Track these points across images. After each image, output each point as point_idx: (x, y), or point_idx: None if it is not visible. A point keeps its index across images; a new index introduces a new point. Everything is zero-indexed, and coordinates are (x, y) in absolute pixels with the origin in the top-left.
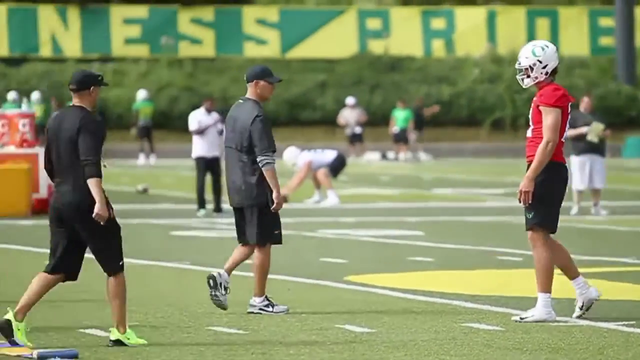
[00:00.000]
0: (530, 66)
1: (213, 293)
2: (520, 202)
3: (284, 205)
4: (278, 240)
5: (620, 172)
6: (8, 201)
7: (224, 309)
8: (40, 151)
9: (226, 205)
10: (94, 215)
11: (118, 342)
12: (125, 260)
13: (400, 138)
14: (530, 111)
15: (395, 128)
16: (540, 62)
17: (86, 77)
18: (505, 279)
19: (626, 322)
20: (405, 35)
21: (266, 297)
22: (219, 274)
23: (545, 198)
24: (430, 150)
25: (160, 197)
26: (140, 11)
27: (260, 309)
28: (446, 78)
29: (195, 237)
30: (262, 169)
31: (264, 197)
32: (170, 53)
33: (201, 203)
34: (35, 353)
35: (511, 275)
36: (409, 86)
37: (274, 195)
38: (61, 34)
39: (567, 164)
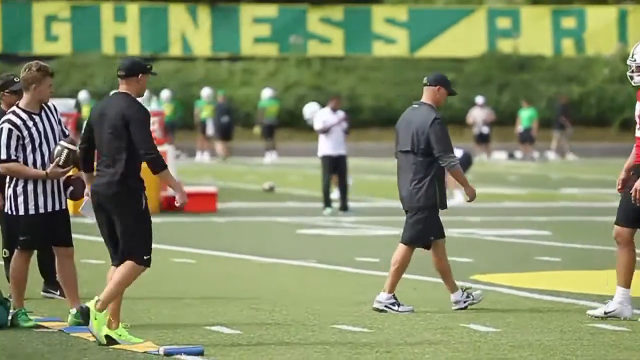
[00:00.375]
0: None
1: None
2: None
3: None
4: (427, 245)
5: None
6: None
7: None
8: (169, 149)
9: (352, 204)
10: (177, 203)
11: (109, 339)
12: (252, 258)
13: (526, 138)
14: (637, 111)
15: (519, 127)
16: None
17: (135, 64)
18: (634, 280)
19: None
20: (535, 34)
21: (394, 295)
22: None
23: None
24: (574, 150)
25: (286, 196)
26: (270, 10)
27: (386, 306)
28: (576, 77)
29: (320, 235)
30: (450, 170)
31: (433, 200)
32: (299, 52)
33: (327, 201)
34: (161, 349)
35: (638, 275)
36: (538, 85)
37: (468, 191)
38: (191, 33)
39: None
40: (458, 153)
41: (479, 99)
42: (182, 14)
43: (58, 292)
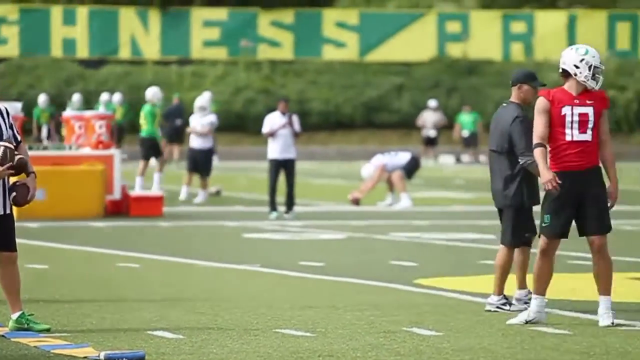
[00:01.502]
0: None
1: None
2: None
3: (357, 208)
4: (527, 242)
5: None
6: (82, 202)
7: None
8: (115, 153)
9: (298, 208)
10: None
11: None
12: (196, 262)
13: (470, 142)
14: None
15: (464, 132)
16: None
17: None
18: (575, 283)
19: None
20: (484, 39)
21: (504, 296)
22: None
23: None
24: None
25: (233, 200)
26: (221, 14)
27: (498, 307)
28: None
29: (266, 239)
30: (527, 168)
31: (519, 198)
32: (248, 56)
33: (272, 205)
34: (102, 354)
35: (580, 279)
36: (487, 90)
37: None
38: (141, 36)
39: None
40: (406, 157)
41: (432, 103)
42: (132, 18)
43: None
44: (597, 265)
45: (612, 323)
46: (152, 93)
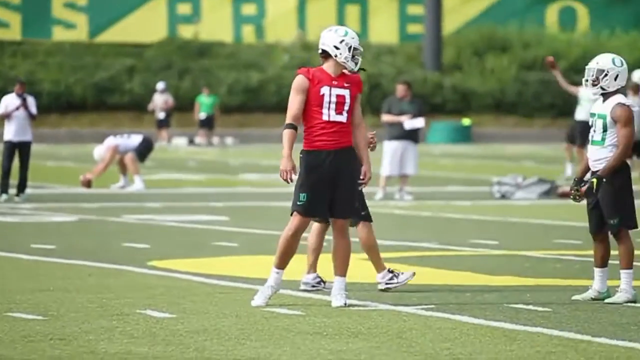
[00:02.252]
0: None
1: None
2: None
3: (88, 190)
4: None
5: (424, 158)
6: None
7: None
8: None
9: (28, 191)
10: None
11: None
12: None
13: (206, 124)
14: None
15: (201, 114)
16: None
17: None
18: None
19: (426, 306)
20: (215, 21)
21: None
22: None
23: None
24: (238, 136)
25: None
26: None
27: (313, 286)
28: (255, 64)
29: None
30: None
31: None
32: None
33: (4, 187)
34: None
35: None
36: (218, 72)
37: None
38: None
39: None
40: (138, 138)
41: (160, 85)
42: None
43: None
44: (336, 246)
45: (345, 304)
46: None
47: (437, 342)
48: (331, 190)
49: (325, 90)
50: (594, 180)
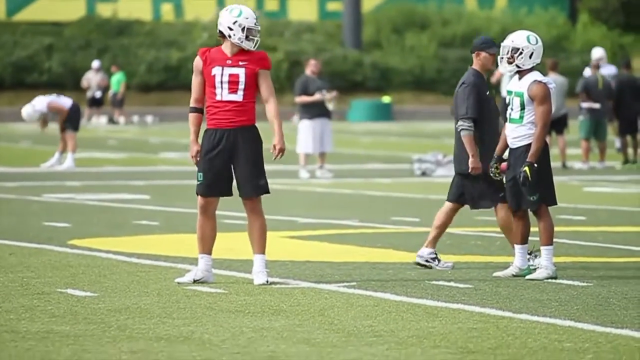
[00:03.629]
0: None
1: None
2: None
3: (8, 169)
4: (504, 199)
5: (344, 135)
6: None
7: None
8: None
9: None
10: None
11: None
12: None
13: (115, 102)
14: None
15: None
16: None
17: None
18: (232, 243)
19: (347, 284)
20: None
21: (434, 251)
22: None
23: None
24: (158, 114)
25: None
26: None
27: (427, 261)
28: (175, 42)
29: None
30: (460, 134)
31: (465, 164)
32: None
33: None
34: None
35: (235, 238)
36: (138, 50)
37: (470, 160)
38: None
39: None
40: (68, 101)
41: (95, 63)
42: None
43: None
44: (251, 224)
45: (267, 281)
46: None
47: (359, 319)
48: (232, 169)
49: (216, 70)
50: (526, 168)
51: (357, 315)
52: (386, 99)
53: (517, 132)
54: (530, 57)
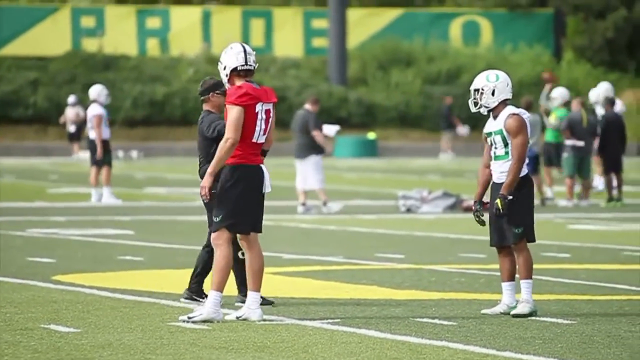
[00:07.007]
0: None
1: None
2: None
3: None
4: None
5: (329, 171)
6: None
7: None
8: None
9: None
10: None
11: None
12: None
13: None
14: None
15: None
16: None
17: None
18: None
19: (331, 321)
20: (119, 34)
21: None
22: None
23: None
24: (143, 149)
25: None
26: None
27: None
28: (160, 77)
29: None
30: None
31: None
32: None
33: None
34: None
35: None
36: (123, 85)
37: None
38: None
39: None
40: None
41: (70, 99)
42: None
43: None
44: (249, 261)
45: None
46: None
47: (343, 356)
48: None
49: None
50: (498, 201)
51: (341, 352)
52: (372, 135)
53: (504, 167)
54: (492, 94)
